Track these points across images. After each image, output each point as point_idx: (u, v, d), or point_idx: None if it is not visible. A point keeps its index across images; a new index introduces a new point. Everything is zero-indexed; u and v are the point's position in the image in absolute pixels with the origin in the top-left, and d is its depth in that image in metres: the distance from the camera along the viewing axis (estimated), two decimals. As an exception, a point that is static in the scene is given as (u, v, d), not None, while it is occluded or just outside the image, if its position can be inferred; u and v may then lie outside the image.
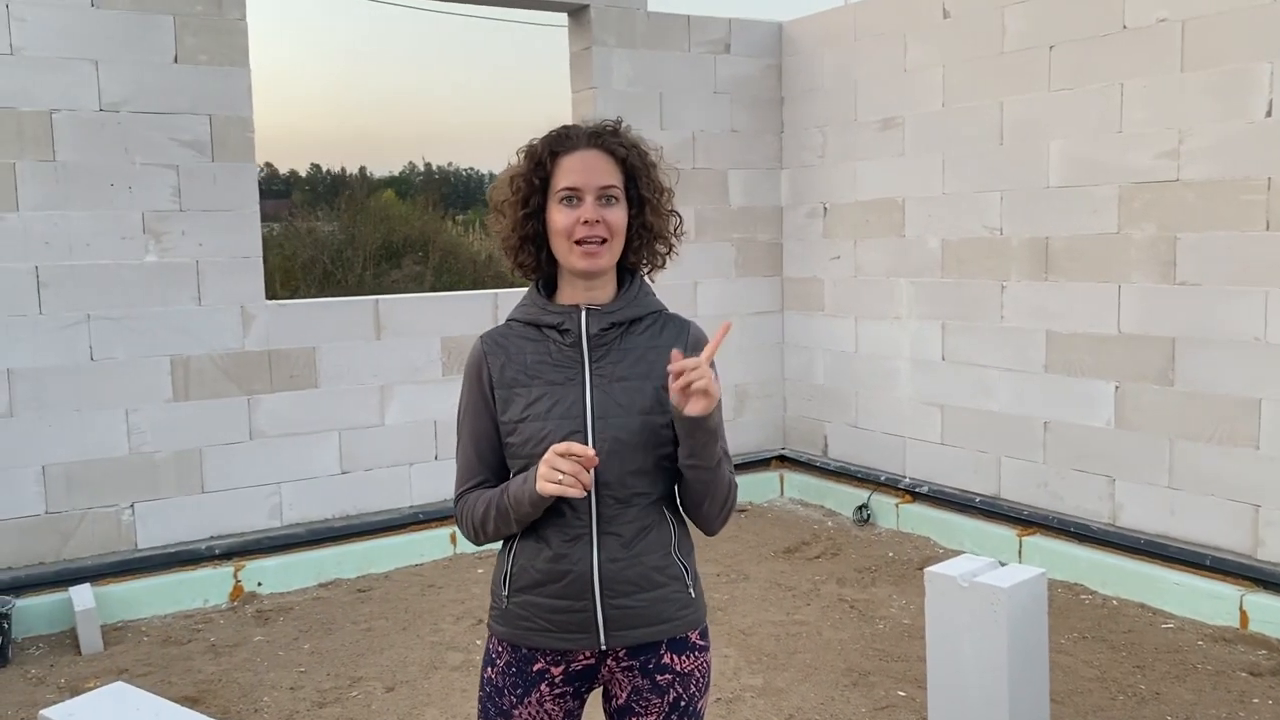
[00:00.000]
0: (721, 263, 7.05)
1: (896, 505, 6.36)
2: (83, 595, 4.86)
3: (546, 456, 1.84)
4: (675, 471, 1.99)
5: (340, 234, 16.81)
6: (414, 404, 5.95)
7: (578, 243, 1.93)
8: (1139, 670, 4.29)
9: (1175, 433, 5.00)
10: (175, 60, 5.20)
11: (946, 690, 3.40)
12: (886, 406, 6.57)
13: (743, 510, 6.85)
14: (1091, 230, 5.29)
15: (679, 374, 1.80)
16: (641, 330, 2.02)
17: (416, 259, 16.96)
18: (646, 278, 2.10)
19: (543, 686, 1.99)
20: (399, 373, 5.91)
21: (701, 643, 2.04)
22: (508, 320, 2.06)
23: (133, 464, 5.23)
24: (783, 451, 7.31)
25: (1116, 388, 5.23)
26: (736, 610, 5.05)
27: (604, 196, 1.94)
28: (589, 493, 1.88)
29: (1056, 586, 5.24)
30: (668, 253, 2.07)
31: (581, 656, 1.98)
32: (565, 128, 1.98)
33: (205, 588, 5.28)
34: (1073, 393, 5.44)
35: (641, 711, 2.01)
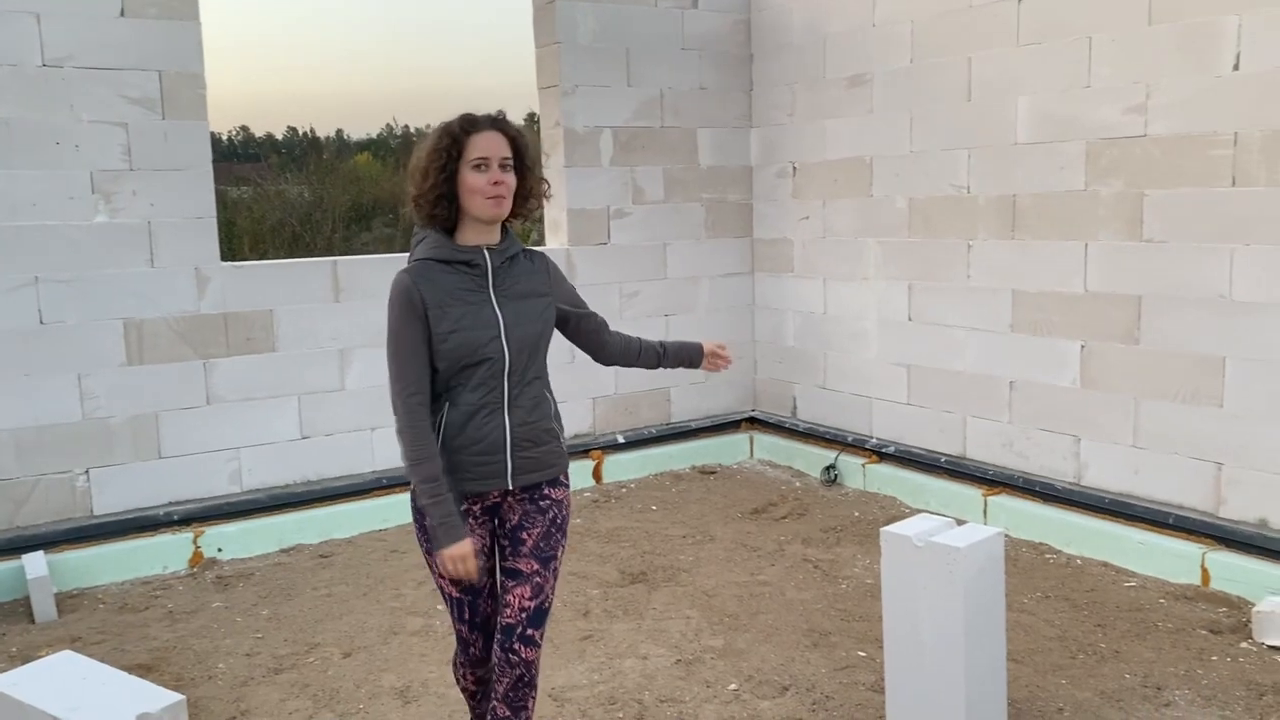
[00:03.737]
0: (691, 224, 6.96)
1: (864, 466, 6.34)
2: (35, 563, 4.78)
3: (465, 558, 2.63)
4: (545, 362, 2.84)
5: (309, 196, 16.58)
6: (375, 368, 5.82)
7: (489, 198, 2.66)
8: (1100, 629, 4.29)
9: (1140, 392, 4.98)
10: (122, 13, 5.04)
11: (903, 650, 3.38)
12: (854, 367, 6.53)
13: (711, 472, 6.81)
14: (1059, 188, 5.23)
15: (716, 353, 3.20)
16: (521, 262, 2.82)
17: (387, 221, 16.75)
18: (520, 227, 2.93)
19: (469, 520, 2.76)
20: (359, 336, 5.81)
21: (566, 481, 2.90)
22: (419, 259, 2.70)
23: (86, 429, 5.13)
24: (753, 413, 7.27)
25: (1083, 347, 5.20)
26: (701, 571, 5.02)
27: (503, 165, 2.68)
28: (503, 380, 2.69)
29: (1021, 546, 5.24)
30: (538, 208, 2.84)
31: (492, 495, 2.79)
32: (470, 114, 2.69)
33: (164, 554, 5.21)
34: (1039, 352, 5.41)
35: (529, 525, 2.81)
